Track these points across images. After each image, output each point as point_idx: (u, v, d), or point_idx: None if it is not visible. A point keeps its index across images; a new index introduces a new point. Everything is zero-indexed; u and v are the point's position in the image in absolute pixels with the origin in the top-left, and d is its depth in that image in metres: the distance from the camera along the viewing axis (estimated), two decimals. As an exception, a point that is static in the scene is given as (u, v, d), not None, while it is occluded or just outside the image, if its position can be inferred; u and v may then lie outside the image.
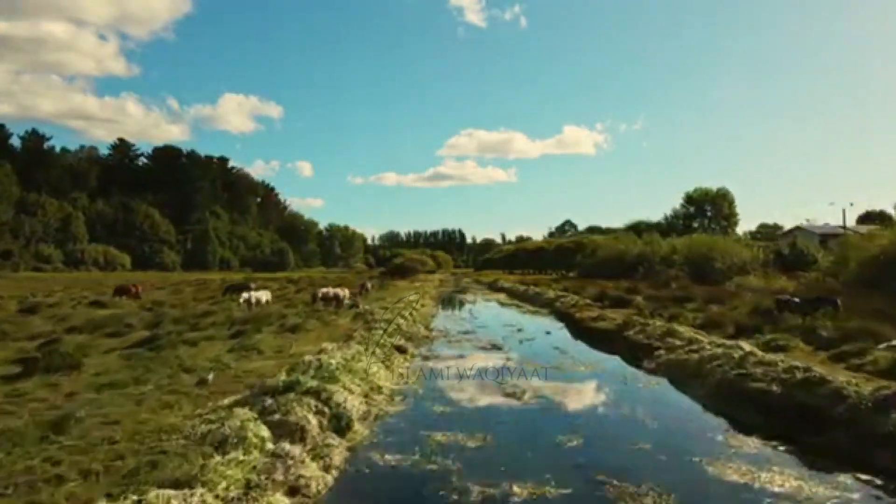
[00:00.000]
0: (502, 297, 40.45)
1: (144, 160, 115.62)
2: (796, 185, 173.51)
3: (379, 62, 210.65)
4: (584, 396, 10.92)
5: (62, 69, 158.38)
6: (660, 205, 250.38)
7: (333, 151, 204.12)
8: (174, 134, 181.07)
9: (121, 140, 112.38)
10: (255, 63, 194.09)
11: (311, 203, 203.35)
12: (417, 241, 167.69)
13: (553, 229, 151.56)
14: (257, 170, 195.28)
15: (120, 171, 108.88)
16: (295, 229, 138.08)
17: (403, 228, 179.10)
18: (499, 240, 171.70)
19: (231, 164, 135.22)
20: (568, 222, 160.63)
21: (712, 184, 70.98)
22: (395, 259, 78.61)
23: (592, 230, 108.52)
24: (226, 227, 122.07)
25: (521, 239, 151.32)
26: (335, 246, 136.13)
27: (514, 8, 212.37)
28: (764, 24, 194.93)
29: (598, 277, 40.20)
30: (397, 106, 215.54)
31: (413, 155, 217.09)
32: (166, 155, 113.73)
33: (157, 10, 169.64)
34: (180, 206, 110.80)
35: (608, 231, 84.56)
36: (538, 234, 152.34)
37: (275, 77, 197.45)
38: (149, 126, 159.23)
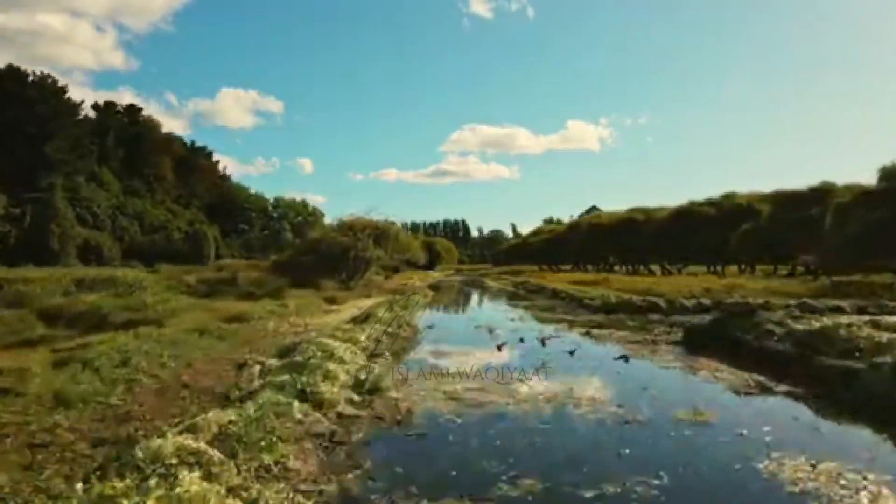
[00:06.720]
0: None
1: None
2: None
3: (381, 55, 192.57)
4: None
5: (59, 62, 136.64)
6: (661, 202, 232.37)
7: (334, 147, 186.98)
8: (173, 129, 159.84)
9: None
10: (255, 56, 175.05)
11: (313, 200, 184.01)
12: (416, 232, 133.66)
13: (575, 217, 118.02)
14: (258, 167, 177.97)
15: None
16: (231, 206, 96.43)
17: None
18: (508, 232, 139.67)
19: (143, 114, 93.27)
20: (594, 208, 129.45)
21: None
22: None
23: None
24: (111, 200, 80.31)
25: (551, 221, 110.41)
26: (284, 228, 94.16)
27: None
28: (771, 19, 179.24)
29: None
30: (399, 100, 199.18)
31: (414, 151, 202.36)
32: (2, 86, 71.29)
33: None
34: (22, 163, 69.03)
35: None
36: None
37: (274, 71, 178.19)
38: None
